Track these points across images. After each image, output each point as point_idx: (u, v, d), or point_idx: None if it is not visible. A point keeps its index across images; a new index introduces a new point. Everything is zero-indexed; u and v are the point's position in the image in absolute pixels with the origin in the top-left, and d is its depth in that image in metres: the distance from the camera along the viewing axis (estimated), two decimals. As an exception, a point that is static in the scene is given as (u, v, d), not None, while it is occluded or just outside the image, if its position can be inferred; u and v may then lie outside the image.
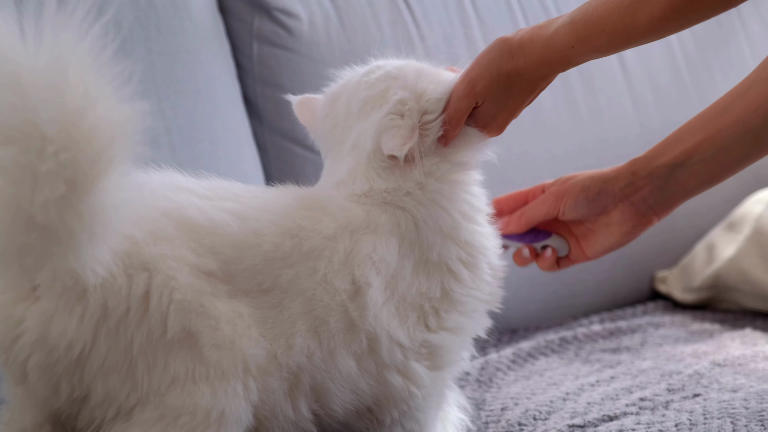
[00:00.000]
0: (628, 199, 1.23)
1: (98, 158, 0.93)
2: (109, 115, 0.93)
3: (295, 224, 1.09)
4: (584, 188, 1.25)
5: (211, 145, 1.63)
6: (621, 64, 2.04)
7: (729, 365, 1.52)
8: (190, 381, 1.02)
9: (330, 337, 1.09)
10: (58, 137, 0.90)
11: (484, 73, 1.17)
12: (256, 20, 1.75)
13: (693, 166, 1.20)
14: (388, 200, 1.15)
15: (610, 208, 1.24)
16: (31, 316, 1.00)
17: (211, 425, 1.02)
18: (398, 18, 1.83)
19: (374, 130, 1.16)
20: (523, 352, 1.69)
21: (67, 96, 0.91)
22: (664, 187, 1.21)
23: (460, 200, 1.18)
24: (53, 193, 0.91)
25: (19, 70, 0.90)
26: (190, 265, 1.03)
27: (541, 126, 1.93)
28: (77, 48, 0.92)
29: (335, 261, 1.09)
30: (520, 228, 1.29)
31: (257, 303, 1.06)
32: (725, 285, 1.92)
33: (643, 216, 1.23)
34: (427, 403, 1.17)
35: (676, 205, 1.24)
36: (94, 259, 0.97)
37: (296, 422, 1.09)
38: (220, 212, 1.07)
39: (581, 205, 1.25)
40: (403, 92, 1.17)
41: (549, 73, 1.18)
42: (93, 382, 1.02)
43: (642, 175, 1.22)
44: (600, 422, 1.32)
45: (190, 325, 1.02)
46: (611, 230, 1.25)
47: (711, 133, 1.18)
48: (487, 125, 1.20)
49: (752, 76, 1.18)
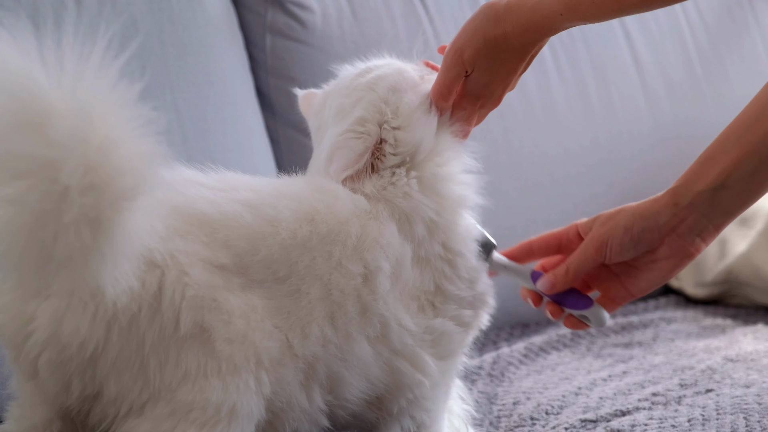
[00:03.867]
0: (674, 231, 1.14)
1: (121, 197, 0.92)
2: (132, 155, 0.92)
3: (312, 208, 1.09)
4: (627, 229, 1.15)
5: (224, 137, 1.62)
6: (634, 58, 2.04)
7: (741, 360, 1.52)
8: (201, 376, 1.02)
9: (347, 321, 1.09)
10: (82, 182, 0.90)
11: (471, 40, 1.16)
12: (269, 12, 1.75)
13: (734, 187, 1.11)
14: (373, 193, 1.15)
15: (656, 244, 1.14)
16: (42, 314, 1.00)
17: (222, 420, 1.02)
18: (411, 10, 1.82)
19: (330, 145, 1.16)
20: (535, 347, 1.69)
21: (90, 139, 0.90)
22: (708, 213, 1.12)
23: (442, 195, 1.17)
24: (78, 239, 0.91)
25: (43, 108, 0.90)
26: (203, 260, 1.03)
27: (553, 120, 1.93)
28: (100, 85, 0.92)
29: (348, 245, 1.10)
30: (568, 284, 1.19)
31: (272, 293, 1.06)
32: (737, 280, 1.91)
33: (691, 245, 1.14)
34: (434, 393, 1.17)
35: (722, 228, 1.14)
36: (115, 276, 0.97)
37: (310, 413, 1.09)
38: (232, 204, 1.06)
39: (627, 248, 1.15)
40: (366, 110, 1.17)
41: (537, 38, 1.16)
42: (105, 379, 1.01)
43: (684, 205, 1.13)
44: (612, 417, 1.31)
45: (202, 321, 1.02)
46: (658, 266, 1.15)
47: (745, 148, 1.10)
48: (481, 95, 1.19)
49: None
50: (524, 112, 1.91)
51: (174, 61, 1.60)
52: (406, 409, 1.16)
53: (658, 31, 2.09)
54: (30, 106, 0.89)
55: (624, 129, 1.99)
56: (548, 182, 1.90)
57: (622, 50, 2.04)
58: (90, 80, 0.91)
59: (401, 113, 1.17)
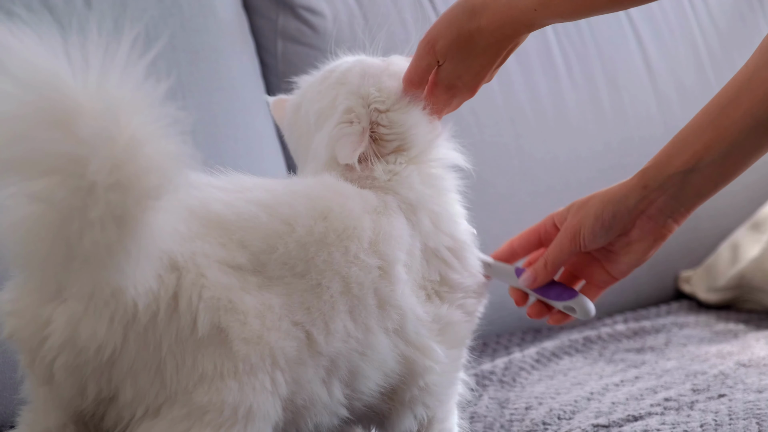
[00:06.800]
0: (644, 213, 1.15)
1: (147, 195, 0.93)
2: (158, 154, 0.93)
3: (325, 206, 1.10)
4: (598, 216, 1.16)
5: (234, 142, 1.63)
6: (645, 62, 2.04)
7: (754, 366, 1.52)
8: (217, 377, 1.02)
9: (367, 315, 1.10)
10: (108, 179, 0.90)
11: (445, 32, 1.16)
12: (280, 18, 1.75)
13: (705, 169, 1.12)
14: (378, 184, 1.17)
15: (628, 227, 1.16)
16: (59, 317, 1.00)
17: (239, 421, 1.02)
18: (422, 15, 1.83)
19: (327, 142, 1.18)
20: (547, 352, 1.69)
21: (117, 138, 0.91)
22: (678, 195, 1.14)
23: (439, 187, 1.20)
24: (104, 236, 0.91)
25: (70, 107, 0.90)
26: (220, 262, 1.03)
27: (565, 125, 1.92)
28: (126, 84, 0.92)
29: (364, 239, 1.11)
30: (549, 277, 1.21)
31: (292, 288, 1.06)
32: (750, 285, 1.91)
33: (663, 227, 1.16)
34: (443, 380, 1.17)
35: (693, 209, 1.16)
36: (137, 276, 0.97)
37: (331, 407, 1.10)
38: (247, 204, 1.07)
39: (600, 234, 1.17)
40: (348, 100, 1.19)
41: (512, 34, 1.16)
42: (121, 382, 1.01)
43: (654, 187, 1.14)
44: (625, 422, 1.31)
45: (219, 322, 1.02)
46: (633, 248, 1.17)
47: (718, 131, 1.10)
48: (453, 85, 1.19)
49: (752, 63, 1.10)
50: (536, 117, 1.91)
51: (185, 66, 1.60)
52: (418, 397, 1.17)
53: (670, 35, 2.09)
54: (58, 105, 0.90)
55: (636, 134, 1.99)
56: (560, 187, 1.90)
57: (633, 54, 2.04)
58: (116, 79, 0.92)
59: (384, 95, 1.19)
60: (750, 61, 1.10)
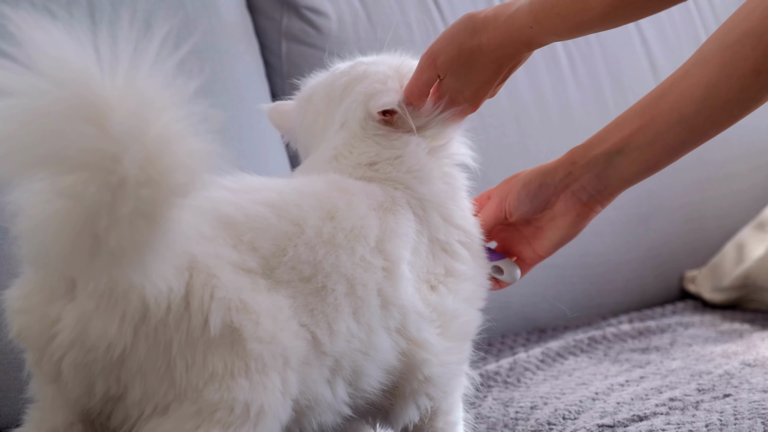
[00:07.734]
0: (569, 188, 1.21)
1: (174, 193, 0.93)
2: (186, 152, 0.93)
3: (332, 205, 1.10)
4: (525, 184, 1.22)
5: (239, 143, 1.63)
6: (650, 63, 2.04)
7: (759, 365, 1.52)
8: (228, 376, 1.02)
9: (370, 316, 1.10)
10: (140, 175, 0.90)
11: (446, 48, 1.18)
12: (284, 18, 1.75)
13: (630, 154, 1.17)
14: (392, 177, 1.18)
15: (552, 200, 1.21)
16: (68, 315, 1.00)
17: (249, 420, 1.02)
18: (427, 16, 1.83)
19: (361, 99, 1.20)
20: (552, 352, 1.69)
21: (146, 135, 0.91)
22: (602, 175, 1.19)
23: (451, 182, 1.23)
24: (132, 232, 0.92)
25: (101, 103, 0.91)
26: (231, 263, 1.03)
27: (570, 125, 1.92)
28: (155, 82, 0.93)
29: (370, 239, 1.11)
30: None
31: (297, 291, 1.06)
32: (755, 285, 1.91)
33: (585, 205, 1.21)
34: (449, 370, 1.17)
35: (617, 193, 1.21)
36: (158, 275, 0.97)
37: (334, 406, 1.10)
38: (256, 206, 1.07)
39: (524, 201, 1.22)
40: (382, 68, 1.22)
41: (513, 53, 1.17)
42: (131, 381, 1.01)
43: (581, 164, 1.20)
44: (630, 422, 1.31)
45: (231, 322, 1.02)
46: (557, 223, 1.22)
47: (647, 120, 1.16)
48: (455, 100, 1.21)
49: (689, 61, 1.15)
50: (540, 117, 1.91)
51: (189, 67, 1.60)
52: (420, 389, 1.17)
53: (675, 36, 2.09)
54: (89, 101, 0.90)
55: (640, 134, 1.98)
56: (564, 187, 1.90)
57: (638, 55, 2.04)
58: (145, 76, 0.92)
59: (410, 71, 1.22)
60: (689, 58, 1.14)
